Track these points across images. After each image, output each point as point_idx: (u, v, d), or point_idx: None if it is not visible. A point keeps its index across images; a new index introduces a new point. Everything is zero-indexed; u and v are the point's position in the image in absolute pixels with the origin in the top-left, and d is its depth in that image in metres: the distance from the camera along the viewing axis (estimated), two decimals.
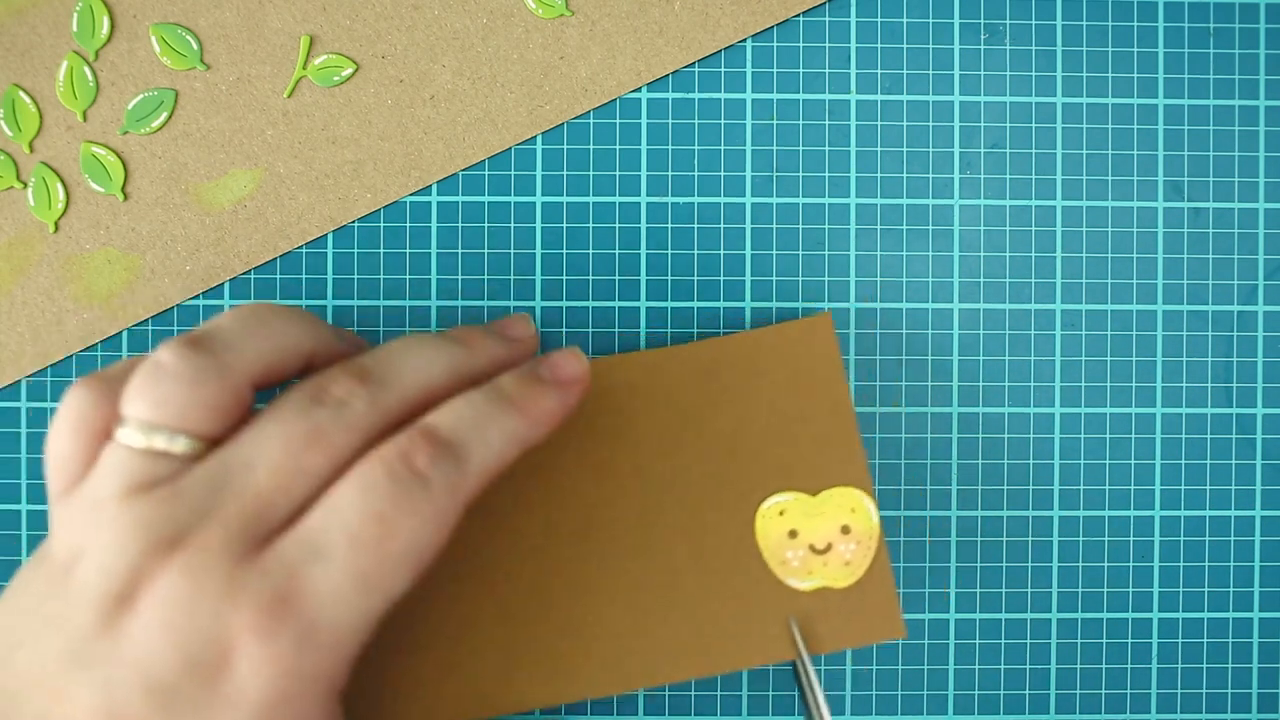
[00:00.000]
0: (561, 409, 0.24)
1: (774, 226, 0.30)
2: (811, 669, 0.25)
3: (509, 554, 0.26)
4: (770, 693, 0.30)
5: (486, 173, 0.30)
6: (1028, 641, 0.30)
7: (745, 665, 0.26)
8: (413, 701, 0.25)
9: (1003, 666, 0.30)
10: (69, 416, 0.22)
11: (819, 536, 0.28)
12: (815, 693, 0.25)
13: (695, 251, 0.30)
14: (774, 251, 0.30)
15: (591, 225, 0.30)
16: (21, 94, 0.29)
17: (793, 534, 0.28)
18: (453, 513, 0.21)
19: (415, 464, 0.21)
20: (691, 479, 0.27)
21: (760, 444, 0.27)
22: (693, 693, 0.30)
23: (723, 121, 0.30)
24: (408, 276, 0.30)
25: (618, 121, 0.30)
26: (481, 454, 0.22)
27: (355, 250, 0.30)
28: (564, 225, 0.30)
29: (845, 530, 0.28)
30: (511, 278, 0.30)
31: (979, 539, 0.30)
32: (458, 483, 0.21)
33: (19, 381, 0.30)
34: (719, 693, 0.30)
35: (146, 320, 0.30)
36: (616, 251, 0.30)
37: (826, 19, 0.30)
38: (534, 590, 0.26)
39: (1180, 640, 0.30)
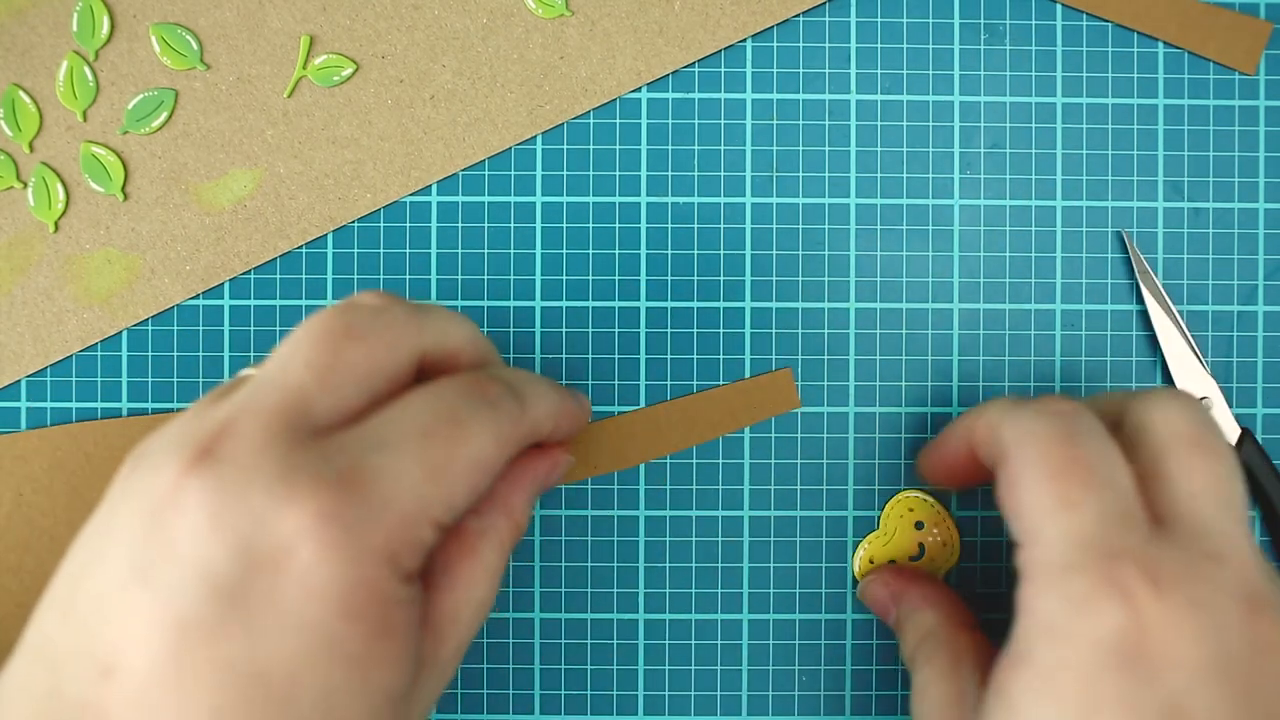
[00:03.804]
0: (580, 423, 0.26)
1: (774, 226, 0.30)
2: None
3: None
4: (770, 693, 0.30)
5: (486, 173, 0.30)
6: None
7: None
8: None
9: None
10: None
11: (909, 548, 0.30)
12: None
13: (695, 251, 0.30)
14: (774, 251, 0.30)
15: (591, 225, 0.30)
16: (21, 94, 0.29)
17: (892, 563, 0.30)
18: (510, 446, 0.22)
19: (486, 390, 0.22)
20: None
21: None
22: (692, 693, 0.30)
23: (723, 121, 0.30)
24: (408, 276, 0.30)
25: (618, 121, 0.30)
26: (538, 406, 0.23)
27: (355, 250, 0.30)
28: (564, 225, 0.30)
29: (919, 527, 0.29)
30: (511, 278, 0.30)
31: (979, 539, 0.30)
32: (519, 418, 0.22)
33: (19, 381, 0.29)
34: (719, 693, 0.30)
35: (146, 320, 0.30)
36: (616, 251, 0.30)
37: (826, 19, 0.30)
38: None
39: None
